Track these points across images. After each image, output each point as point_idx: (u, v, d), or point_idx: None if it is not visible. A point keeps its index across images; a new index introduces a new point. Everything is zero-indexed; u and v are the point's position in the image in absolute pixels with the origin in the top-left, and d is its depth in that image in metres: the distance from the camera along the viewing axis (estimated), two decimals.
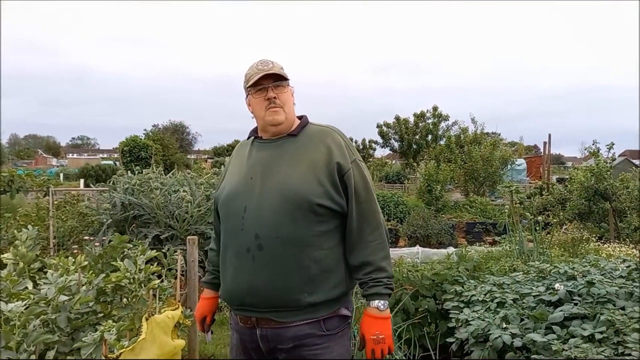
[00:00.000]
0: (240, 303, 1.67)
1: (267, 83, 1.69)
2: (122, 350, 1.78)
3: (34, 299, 2.15)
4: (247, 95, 1.76)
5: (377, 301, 1.65)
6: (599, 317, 2.39)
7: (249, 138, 1.86)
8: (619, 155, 18.33)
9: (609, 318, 2.33)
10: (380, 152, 34.69)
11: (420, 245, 7.87)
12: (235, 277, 1.66)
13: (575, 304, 2.63)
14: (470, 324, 2.75)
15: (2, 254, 3.27)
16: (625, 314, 2.37)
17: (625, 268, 3.13)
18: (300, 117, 1.82)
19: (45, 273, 2.69)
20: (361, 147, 32.77)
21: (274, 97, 1.68)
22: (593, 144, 8.15)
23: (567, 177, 12.70)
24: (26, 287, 2.53)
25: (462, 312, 3.02)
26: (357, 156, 1.73)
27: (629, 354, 2.08)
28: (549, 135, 15.56)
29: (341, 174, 1.65)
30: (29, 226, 3.10)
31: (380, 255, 1.68)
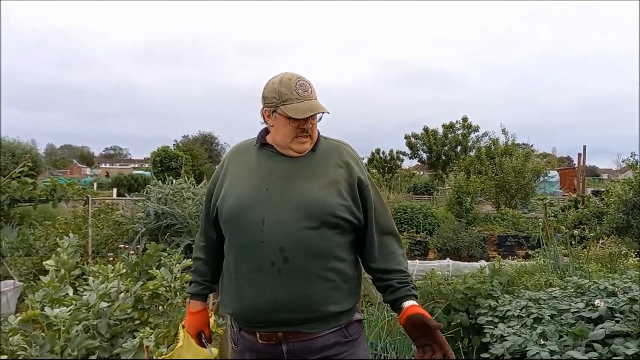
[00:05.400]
0: (264, 320, 1.59)
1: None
2: (161, 357, 1.82)
3: (76, 305, 2.22)
4: (272, 111, 1.64)
5: (412, 300, 1.63)
6: None
7: (256, 144, 1.73)
8: None
9: None
10: (408, 163, 34.43)
11: (450, 258, 7.77)
12: (258, 292, 1.58)
13: (617, 322, 2.54)
14: (506, 340, 2.69)
15: (44, 260, 3.38)
16: None
17: None
18: None
19: (85, 280, 2.78)
20: (389, 157, 32.59)
21: (310, 128, 1.63)
22: (631, 156, 7.90)
23: (603, 189, 12.33)
24: (67, 294, 2.61)
25: (496, 327, 2.96)
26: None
27: None
28: (584, 147, 15.21)
29: (361, 189, 1.67)
30: (70, 234, 3.20)
31: (405, 264, 1.72)
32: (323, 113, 1.65)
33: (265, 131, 1.74)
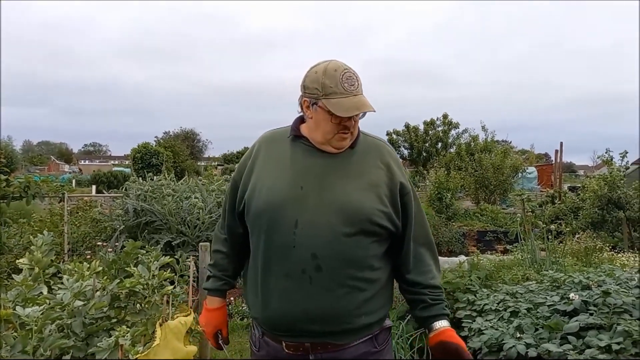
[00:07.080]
0: (291, 329, 1.48)
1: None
2: (137, 356, 1.79)
3: (49, 304, 2.17)
4: (313, 103, 1.50)
5: (446, 320, 1.57)
6: (616, 328, 2.35)
7: (290, 135, 1.59)
8: (632, 164, 18.04)
9: (626, 329, 2.30)
10: None
11: None
12: (286, 300, 1.46)
13: (591, 314, 2.60)
14: (483, 333, 2.73)
15: (18, 259, 3.30)
16: None
17: None
18: None
19: (60, 278, 2.72)
20: None
21: (352, 125, 1.50)
22: (606, 153, 8.06)
23: (579, 185, 12.58)
24: (41, 292, 2.55)
25: (474, 321, 2.99)
26: None
27: None
28: (561, 144, 15.42)
29: (403, 195, 1.55)
30: (45, 232, 3.13)
31: (439, 279, 1.64)
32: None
33: (299, 120, 1.60)
